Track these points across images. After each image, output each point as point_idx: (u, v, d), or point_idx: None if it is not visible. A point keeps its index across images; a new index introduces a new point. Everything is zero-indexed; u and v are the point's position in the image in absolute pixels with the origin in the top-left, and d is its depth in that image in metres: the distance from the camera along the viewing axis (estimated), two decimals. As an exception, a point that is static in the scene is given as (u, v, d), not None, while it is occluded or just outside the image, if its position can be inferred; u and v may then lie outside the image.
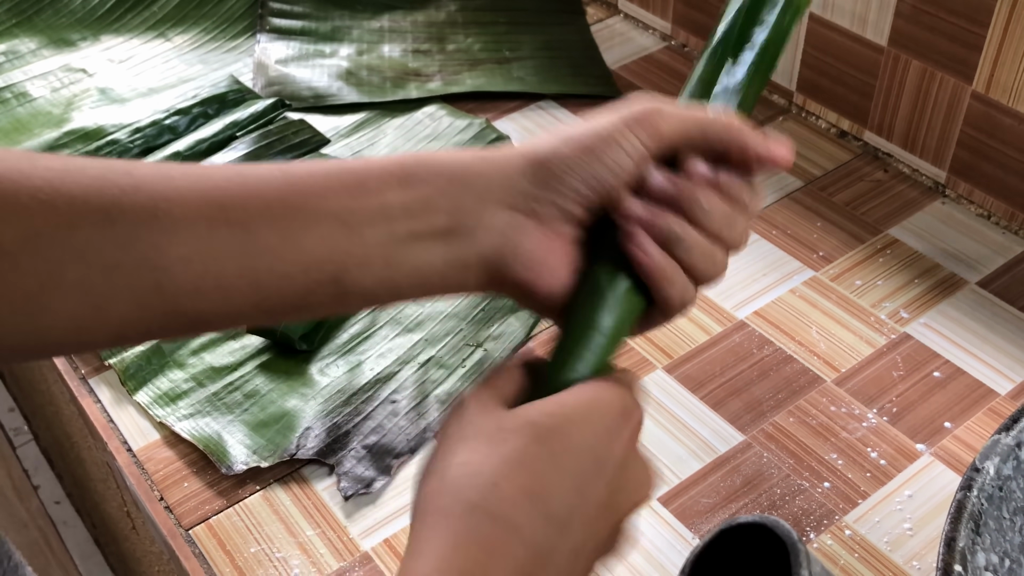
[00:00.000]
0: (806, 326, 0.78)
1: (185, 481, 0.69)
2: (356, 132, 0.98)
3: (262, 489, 0.68)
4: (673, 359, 0.76)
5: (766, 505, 0.66)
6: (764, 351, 0.76)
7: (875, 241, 0.85)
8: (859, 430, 0.70)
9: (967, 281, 0.81)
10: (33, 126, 0.99)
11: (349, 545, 0.65)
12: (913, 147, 0.90)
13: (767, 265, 0.83)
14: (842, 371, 0.74)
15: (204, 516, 0.67)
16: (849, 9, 0.89)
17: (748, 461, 0.69)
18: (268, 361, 0.76)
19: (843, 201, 0.89)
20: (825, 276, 0.82)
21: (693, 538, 0.65)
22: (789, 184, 0.91)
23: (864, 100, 0.92)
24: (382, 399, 0.73)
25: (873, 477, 0.68)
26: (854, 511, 0.66)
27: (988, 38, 0.80)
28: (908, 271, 0.82)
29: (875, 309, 0.79)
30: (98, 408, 0.74)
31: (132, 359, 0.76)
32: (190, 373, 0.76)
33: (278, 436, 0.71)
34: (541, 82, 1.03)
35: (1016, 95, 0.80)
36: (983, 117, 0.83)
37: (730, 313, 0.79)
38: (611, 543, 0.40)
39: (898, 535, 0.64)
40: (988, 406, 0.72)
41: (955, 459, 0.69)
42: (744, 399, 0.73)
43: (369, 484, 0.68)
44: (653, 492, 0.42)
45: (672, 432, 0.71)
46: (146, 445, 0.71)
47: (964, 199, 0.88)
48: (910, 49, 0.86)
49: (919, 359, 0.75)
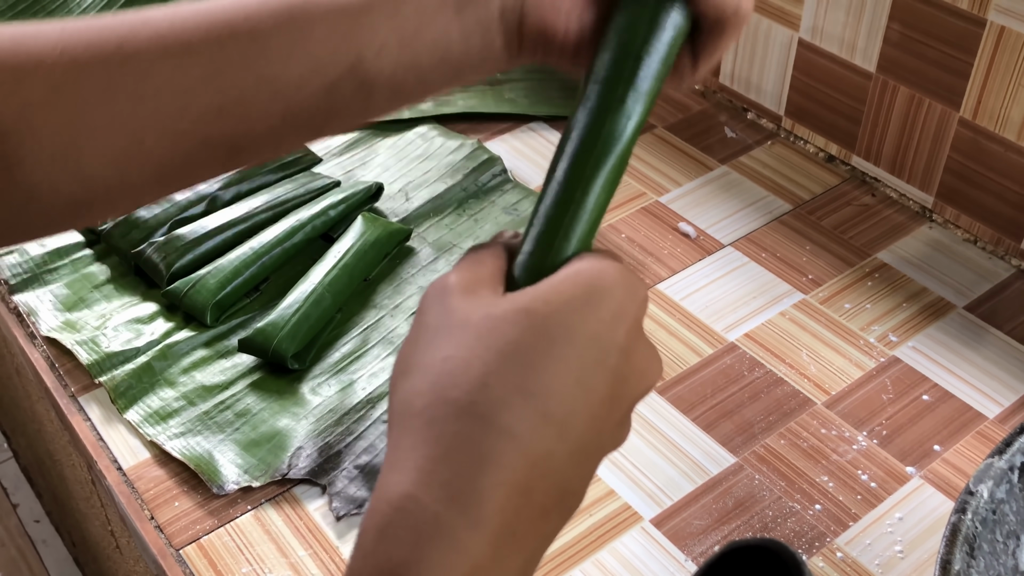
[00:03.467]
0: (796, 348, 0.78)
1: (176, 500, 0.69)
2: (348, 151, 0.98)
3: (253, 509, 0.68)
4: (664, 380, 0.76)
5: (758, 527, 0.67)
6: (755, 373, 0.77)
7: (863, 265, 0.85)
8: (849, 453, 0.71)
9: (954, 305, 0.82)
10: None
11: (341, 566, 0.65)
12: (901, 172, 0.91)
13: (757, 288, 0.84)
14: (832, 394, 0.75)
15: (195, 536, 0.67)
16: (838, 35, 0.90)
17: (740, 483, 0.69)
18: (259, 380, 0.76)
19: (832, 225, 0.89)
20: (814, 299, 0.82)
21: (686, 560, 0.65)
22: (778, 208, 0.91)
23: (852, 125, 0.93)
24: (374, 419, 0.73)
25: (864, 499, 0.68)
26: (845, 533, 0.66)
27: (975, 65, 0.81)
28: (896, 295, 0.83)
29: (864, 332, 0.80)
30: (88, 426, 0.74)
31: (123, 377, 0.75)
32: (181, 392, 0.75)
33: (269, 456, 0.71)
34: (532, 104, 1.03)
35: (1003, 122, 0.81)
36: (970, 143, 0.84)
37: (721, 335, 0.80)
38: (615, 439, 0.36)
39: (889, 557, 0.65)
40: (976, 429, 0.72)
41: (945, 482, 0.69)
42: (735, 421, 0.73)
43: (361, 504, 0.68)
44: (659, 378, 0.37)
45: (664, 454, 0.71)
46: (136, 464, 0.71)
47: (951, 224, 0.89)
48: (898, 75, 0.87)
49: (908, 382, 0.76)
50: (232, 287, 0.81)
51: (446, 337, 0.34)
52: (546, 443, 0.32)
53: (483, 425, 0.32)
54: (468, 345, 0.33)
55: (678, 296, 0.83)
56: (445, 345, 0.33)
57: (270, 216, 0.87)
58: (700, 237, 0.88)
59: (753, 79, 1.00)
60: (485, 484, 0.31)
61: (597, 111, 0.38)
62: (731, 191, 0.93)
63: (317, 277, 0.80)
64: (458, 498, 0.31)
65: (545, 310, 0.33)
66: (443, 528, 0.31)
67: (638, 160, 0.97)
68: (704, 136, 1.00)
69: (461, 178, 0.94)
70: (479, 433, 0.32)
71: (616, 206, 0.92)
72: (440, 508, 0.31)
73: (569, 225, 0.37)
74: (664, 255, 0.87)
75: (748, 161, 0.97)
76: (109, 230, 0.86)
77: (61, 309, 0.82)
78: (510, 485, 0.32)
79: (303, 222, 0.85)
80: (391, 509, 0.31)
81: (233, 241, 0.85)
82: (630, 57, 0.38)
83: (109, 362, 0.77)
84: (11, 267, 0.85)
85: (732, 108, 1.03)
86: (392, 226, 0.86)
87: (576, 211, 0.37)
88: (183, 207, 0.87)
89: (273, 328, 0.76)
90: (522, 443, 0.32)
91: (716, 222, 0.90)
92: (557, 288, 0.34)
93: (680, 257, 0.87)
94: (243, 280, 0.81)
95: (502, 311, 0.34)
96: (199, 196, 0.88)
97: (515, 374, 0.32)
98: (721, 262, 0.86)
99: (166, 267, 0.82)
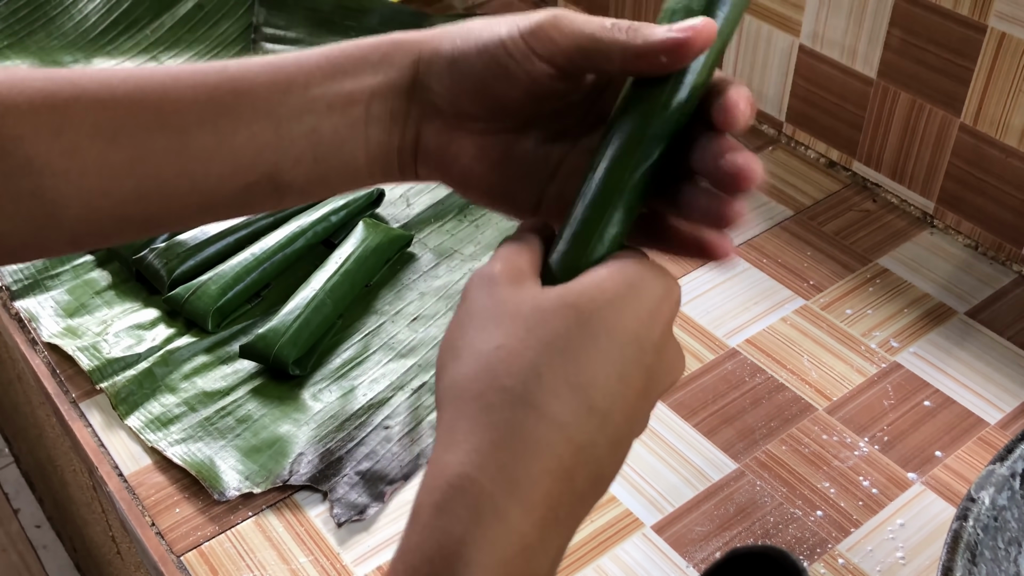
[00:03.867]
0: (797, 354, 0.78)
1: (177, 507, 0.69)
2: (349, 157, 0.98)
3: (254, 515, 0.68)
4: (666, 387, 0.76)
5: (759, 533, 0.67)
6: (756, 379, 0.77)
7: (865, 271, 0.85)
8: (851, 459, 0.71)
9: (956, 311, 0.82)
10: (24, 148, 0.99)
11: (342, 572, 0.65)
12: (902, 178, 0.91)
13: (758, 294, 0.84)
14: (833, 400, 0.75)
15: (196, 542, 0.66)
16: (839, 41, 0.90)
17: (741, 489, 0.69)
18: (260, 386, 0.76)
19: (833, 231, 0.89)
20: (815, 305, 0.82)
21: (687, 567, 0.65)
22: (779, 213, 0.91)
23: (853, 131, 0.93)
24: (375, 425, 0.73)
25: (865, 506, 0.68)
26: (847, 540, 0.66)
27: (976, 72, 0.81)
28: (897, 301, 0.83)
29: (865, 338, 0.80)
30: (89, 432, 0.74)
31: (124, 383, 0.75)
32: (182, 398, 0.75)
33: (271, 462, 0.71)
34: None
35: (1004, 128, 0.81)
36: (971, 149, 0.84)
37: (722, 341, 0.80)
38: (641, 429, 0.38)
39: (891, 564, 0.65)
40: (978, 435, 0.72)
41: (946, 488, 0.69)
42: (737, 427, 0.73)
43: (362, 511, 0.68)
44: (682, 374, 0.39)
45: (665, 460, 0.71)
46: (137, 470, 0.71)
47: (952, 230, 0.89)
48: (899, 81, 0.87)
49: (909, 388, 0.76)
50: (233, 293, 0.81)
51: (496, 326, 0.35)
52: (590, 433, 0.35)
53: (535, 414, 0.34)
54: (519, 336, 0.35)
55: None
56: (497, 334, 0.35)
57: (271, 222, 0.87)
58: (701, 243, 0.88)
59: (754, 85, 1.00)
60: (536, 470, 0.33)
61: (642, 113, 0.39)
62: (732, 197, 0.93)
63: (318, 283, 0.80)
64: (512, 482, 0.33)
65: (591, 307, 0.35)
66: (499, 509, 0.33)
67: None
68: (705, 142, 1.00)
69: (462, 184, 0.94)
70: (532, 421, 0.34)
71: (617, 212, 0.92)
72: (496, 490, 0.33)
73: (606, 225, 0.38)
74: (665, 261, 0.87)
75: (749, 167, 0.96)
76: (110, 236, 0.86)
77: (62, 315, 0.82)
78: (558, 472, 0.34)
79: (304, 228, 0.85)
80: (449, 487, 0.33)
81: (234, 247, 0.85)
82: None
83: (110, 368, 0.77)
84: (12, 273, 0.85)
85: (733, 114, 1.03)
86: (393, 232, 0.86)
87: (613, 212, 0.39)
88: (184, 213, 0.87)
89: (274, 334, 0.76)
90: (569, 432, 0.34)
91: (717, 228, 0.90)
92: (601, 286, 0.36)
93: (681, 263, 0.87)
94: (244, 286, 0.81)
95: (551, 305, 0.36)
96: (200, 202, 0.88)
97: (564, 367, 0.34)
98: (722, 268, 0.86)
99: (167, 273, 0.82)
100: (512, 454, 0.33)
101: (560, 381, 0.34)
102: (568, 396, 0.34)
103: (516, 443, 0.33)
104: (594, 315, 0.35)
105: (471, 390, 0.35)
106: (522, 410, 0.34)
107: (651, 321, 0.36)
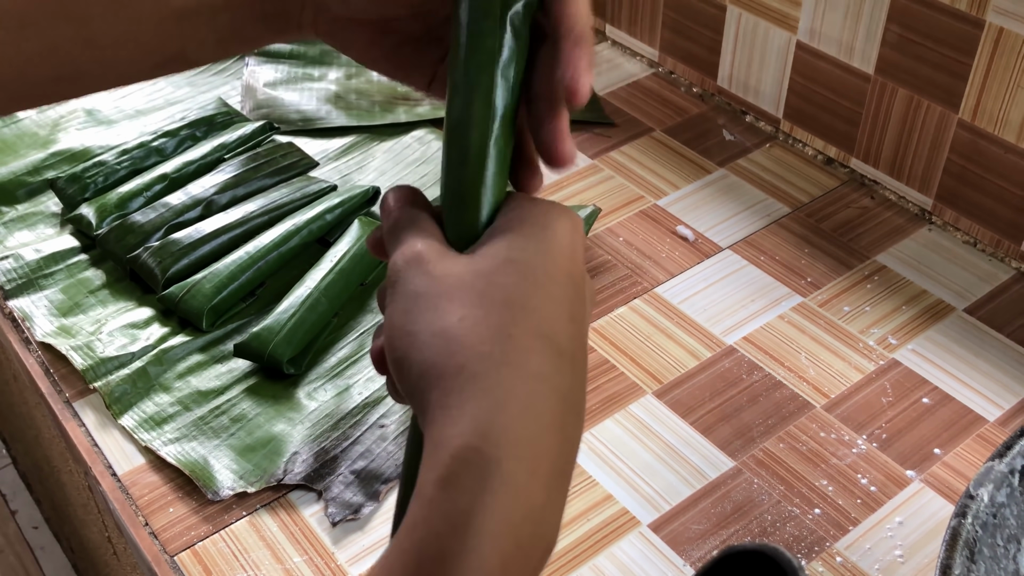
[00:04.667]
0: (795, 352, 0.78)
1: (170, 506, 0.68)
2: (345, 155, 0.97)
3: (249, 515, 0.68)
4: (662, 384, 0.76)
5: (757, 532, 0.66)
6: (753, 376, 0.76)
7: (862, 267, 0.85)
8: (849, 456, 0.70)
9: (954, 308, 0.81)
10: (19, 147, 0.99)
11: (337, 572, 0.64)
12: (900, 174, 0.91)
13: (755, 291, 0.83)
14: (831, 397, 0.74)
15: (190, 542, 0.66)
16: (836, 37, 0.90)
17: (738, 487, 0.69)
18: (255, 385, 0.76)
19: (830, 228, 0.89)
20: (813, 302, 0.82)
21: (684, 565, 0.64)
22: (777, 211, 0.91)
23: (851, 127, 0.93)
24: (370, 424, 0.73)
25: (864, 503, 0.67)
26: (845, 538, 0.66)
27: (974, 67, 0.81)
28: (896, 298, 0.82)
29: (863, 335, 0.79)
30: (82, 432, 0.73)
31: (117, 382, 0.75)
32: (176, 397, 0.75)
33: (265, 461, 0.70)
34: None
35: (1002, 123, 0.81)
36: (969, 145, 0.84)
37: (719, 338, 0.79)
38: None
39: (889, 562, 0.64)
40: (977, 432, 0.72)
41: (945, 486, 0.69)
42: (734, 425, 0.73)
43: (357, 510, 0.67)
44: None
45: (662, 458, 0.71)
46: (131, 470, 0.71)
47: (950, 226, 0.88)
48: (897, 77, 0.87)
49: (908, 385, 0.75)
50: (228, 292, 0.80)
51: (448, 301, 0.35)
52: (566, 378, 0.35)
53: (520, 372, 0.34)
54: (475, 303, 0.35)
55: (676, 299, 0.82)
56: (452, 308, 0.35)
57: (266, 220, 0.86)
58: (698, 240, 0.88)
59: (751, 82, 0.99)
60: (535, 428, 0.34)
61: (486, 69, 0.39)
62: (729, 194, 0.93)
63: (313, 281, 0.79)
64: (515, 444, 0.33)
65: (523, 256, 0.36)
66: (505, 474, 0.33)
67: (636, 163, 0.97)
68: (702, 139, 0.99)
69: (458, 182, 0.93)
70: (519, 381, 0.34)
71: (614, 209, 0.91)
72: (501, 455, 0.33)
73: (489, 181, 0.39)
74: (662, 258, 0.86)
75: (746, 164, 0.96)
76: (104, 235, 0.85)
77: (56, 314, 0.81)
78: (553, 425, 0.34)
79: (299, 226, 0.85)
80: (453, 460, 0.33)
81: (229, 246, 0.84)
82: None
83: (104, 367, 0.76)
84: (6, 272, 0.85)
85: (730, 111, 1.03)
86: (389, 230, 0.85)
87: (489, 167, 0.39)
88: (178, 211, 0.87)
89: (269, 333, 0.75)
90: (552, 383, 0.34)
91: (714, 225, 0.89)
92: (521, 235, 0.37)
93: (678, 260, 0.86)
94: (239, 285, 0.81)
95: (489, 267, 0.36)
96: (195, 200, 0.88)
97: (526, 321, 0.35)
98: (719, 265, 0.86)
99: (161, 272, 0.81)
100: (510, 417, 0.33)
101: (529, 336, 0.35)
102: (540, 348, 0.35)
103: (511, 405, 0.33)
104: (529, 264, 0.36)
105: (451, 365, 0.34)
106: (507, 371, 0.34)
107: (573, 255, 0.37)
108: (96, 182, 0.90)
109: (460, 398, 0.34)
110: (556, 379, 0.35)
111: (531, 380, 0.34)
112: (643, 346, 0.79)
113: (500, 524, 0.32)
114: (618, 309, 0.82)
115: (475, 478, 0.33)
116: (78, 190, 0.90)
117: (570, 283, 0.37)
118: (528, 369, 0.34)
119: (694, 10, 1.02)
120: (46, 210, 0.92)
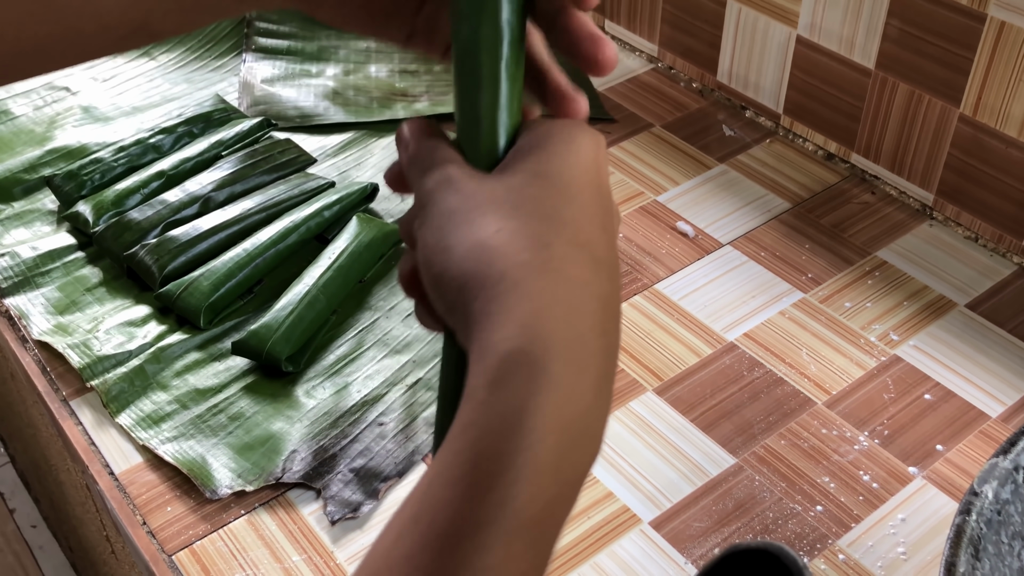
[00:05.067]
0: (796, 348, 0.78)
1: (168, 505, 0.68)
2: (343, 152, 0.97)
3: (247, 513, 0.67)
4: (663, 381, 0.75)
5: (759, 529, 0.66)
6: (755, 373, 0.76)
7: (864, 263, 0.85)
8: (851, 453, 0.70)
9: (956, 303, 0.81)
10: (15, 144, 0.98)
11: (336, 571, 0.64)
12: (900, 170, 0.90)
13: (756, 287, 0.83)
14: (833, 393, 0.74)
15: (188, 541, 0.66)
16: (836, 32, 0.89)
17: (740, 484, 0.68)
18: (253, 383, 0.75)
19: (831, 223, 0.89)
20: (814, 298, 0.82)
21: (685, 563, 0.64)
22: (777, 206, 0.90)
23: (851, 123, 0.92)
24: (369, 421, 0.72)
25: (866, 500, 0.67)
26: (847, 535, 0.65)
27: (975, 61, 0.80)
28: (897, 293, 0.82)
29: (865, 331, 0.79)
30: (79, 431, 0.73)
31: (115, 381, 0.74)
32: (174, 395, 0.74)
33: (263, 459, 0.70)
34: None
35: (1003, 118, 0.81)
36: (970, 140, 0.84)
37: (720, 335, 0.79)
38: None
39: (892, 559, 0.64)
40: (979, 429, 0.71)
41: (947, 482, 0.68)
42: (735, 421, 0.72)
43: (356, 508, 0.67)
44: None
45: (663, 455, 0.70)
46: (128, 468, 0.70)
47: (952, 221, 0.88)
48: (897, 72, 0.86)
49: (909, 381, 0.75)
50: (226, 289, 0.80)
51: (482, 215, 0.36)
52: (603, 284, 0.36)
53: (562, 279, 0.35)
54: (510, 215, 0.36)
55: (676, 296, 0.82)
56: (488, 221, 0.36)
57: (264, 217, 0.86)
58: (698, 236, 0.88)
59: (751, 77, 0.99)
60: (580, 332, 0.34)
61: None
62: (730, 190, 0.92)
63: (311, 279, 0.79)
64: (563, 348, 0.34)
65: (552, 170, 0.37)
66: (554, 377, 0.33)
67: (635, 159, 0.96)
68: (702, 134, 0.99)
69: (457, 178, 0.93)
70: (562, 287, 0.34)
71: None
72: (550, 358, 0.33)
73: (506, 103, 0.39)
74: (662, 254, 0.86)
75: (746, 159, 0.96)
76: (101, 232, 0.85)
77: (53, 312, 0.81)
78: (596, 328, 0.35)
79: (297, 223, 0.84)
80: (503, 363, 0.33)
81: (227, 243, 0.84)
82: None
83: (101, 366, 0.76)
84: (2, 270, 0.84)
85: (730, 106, 1.02)
86: (387, 227, 0.85)
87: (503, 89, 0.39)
88: (176, 208, 0.86)
89: (267, 330, 0.75)
90: (592, 289, 0.35)
91: (715, 221, 0.89)
92: (547, 150, 0.38)
93: (678, 256, 0.86)
94: (237, 282, 0.80)
95: (520, 182, 0.37)
96: (192, 197, 0.87)
97: (562, 231, 0.36)
98: (720, 261, 0.85)
99: (159, 269, 0.81)
100: (555, 320, 0.34)
101: (566, 245, 0.35)
102: (577, 256, 0.35)
103: (556, 309, 0.34)
104: (560, 177, 0.37)
105: (492, 275, 0.34)
106: (549, 277, 0.34)
107: (599, 168, 0.38)
108: (93, 179, 0.90)
109: (504, 304, 0.34)
110: (595, 285, 0.35)
111: (572, 286, 0.35)
112: (643, 343, 0.78)
113: (552, 422, 0.33)
114: (618, 306, 0.81)
115: (525, 379, 0.33)
116: (74, 187, 0.89)
117: (599, 195, 0.38)
118: (568, 275, 0.35)
119: (694, 5, 1.01)
120: (42, 207, 0.92)
